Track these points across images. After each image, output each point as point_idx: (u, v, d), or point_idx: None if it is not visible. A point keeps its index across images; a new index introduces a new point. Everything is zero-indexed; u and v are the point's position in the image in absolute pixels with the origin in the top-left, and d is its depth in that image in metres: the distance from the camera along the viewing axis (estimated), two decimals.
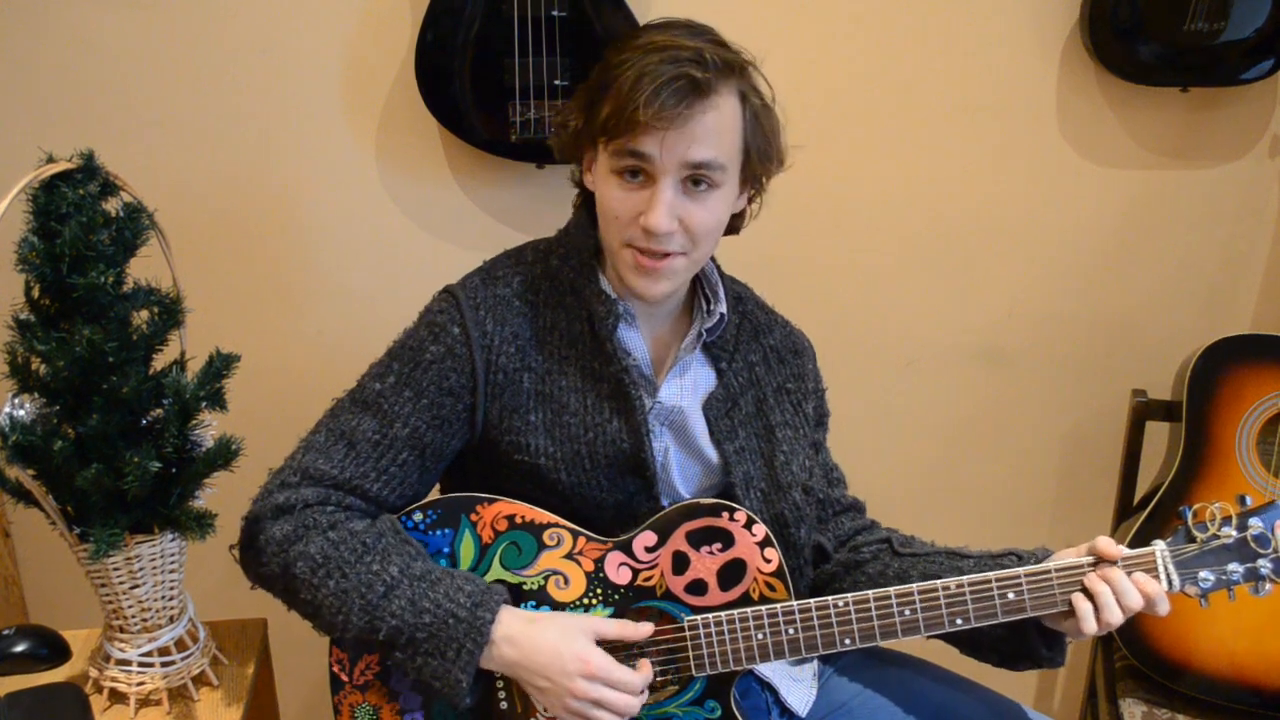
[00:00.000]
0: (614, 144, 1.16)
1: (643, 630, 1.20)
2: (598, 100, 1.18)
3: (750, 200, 1.28)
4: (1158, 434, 1.83)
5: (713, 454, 1.30)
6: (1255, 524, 1.16)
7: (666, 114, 1.12)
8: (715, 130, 1.16)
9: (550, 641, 1.16)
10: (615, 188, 1.18)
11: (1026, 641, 1.23)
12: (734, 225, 1.29)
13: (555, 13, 1.56)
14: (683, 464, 1.30)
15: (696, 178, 1.17)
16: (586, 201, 1.29)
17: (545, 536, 1.22)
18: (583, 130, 1.21)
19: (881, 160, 1.81)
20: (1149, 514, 1.69)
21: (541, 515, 1.23)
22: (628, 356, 1.25)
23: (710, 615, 1.21)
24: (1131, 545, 1.18)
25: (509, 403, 1.24)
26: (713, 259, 1.33)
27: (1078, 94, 1.79)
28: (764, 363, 1.34)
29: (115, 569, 1.23)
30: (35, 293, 1.17)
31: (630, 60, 1.15)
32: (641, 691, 1.18)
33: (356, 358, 1.30)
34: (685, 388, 1.29)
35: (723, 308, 1.29)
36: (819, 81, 1.75)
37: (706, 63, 1.14)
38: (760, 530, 1.21)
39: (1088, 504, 2.01)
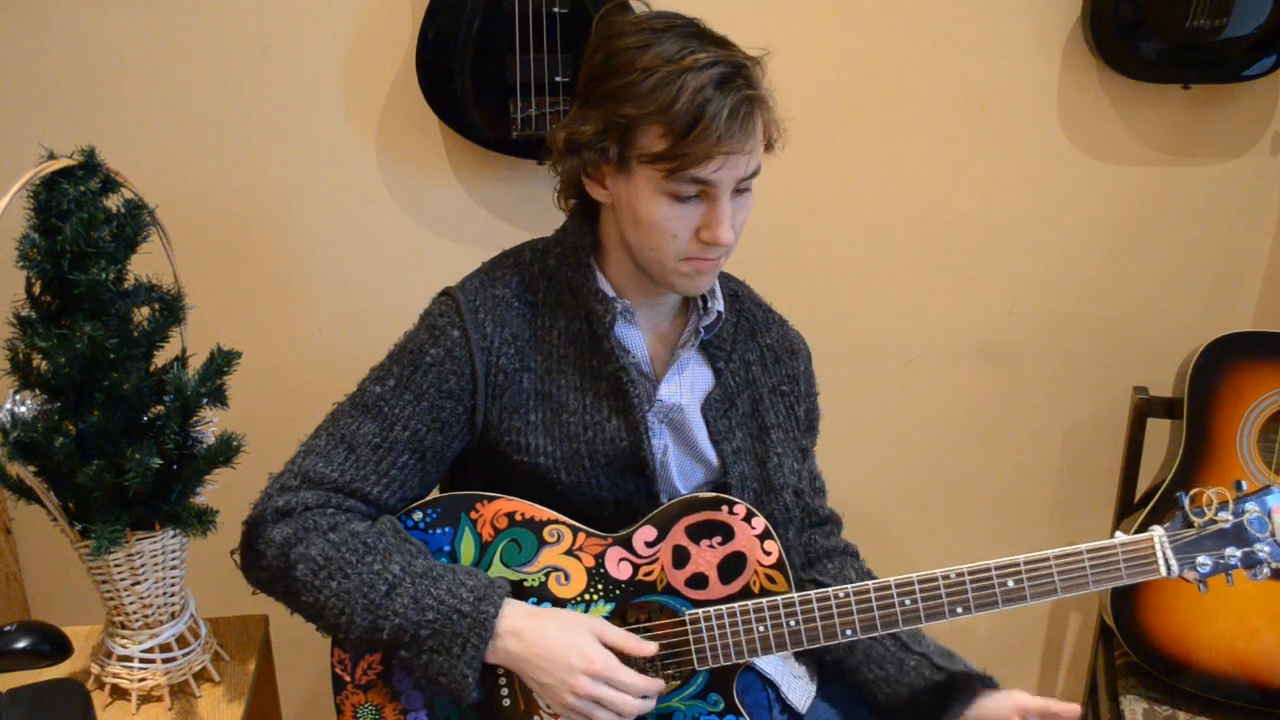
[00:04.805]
0: (676, 174, 1.13)
1: (646, 649, 1.19)
2: (637, 124, 1.14)
3: None
4: (1159, 431, 1.82)
5: (711, 454, 1.30)
6: (1252, 508, 1.16)
7: (739, 143, 1.12)
8: (760, 140, 1.17)
9: (555, 636, 1.15)
10: (669, 207, 1.16)
11: None
12: None
13: (556, 9, 1.56)
14: (681, 462, 1.30)
15: (742, 187, 1.17)
16: (584, 202, 1.28)
17: (545, 533, 1.22)
18: (623, 156, 1.16)
19: (882, 157, 1.81)
20: (1150, 511, 1.69)
21: (541, 512, 1.23)
22: (626, 354, 1.25)
23: (711, 608, 1.21)
24: None
25: (509, 403, 1.24)
26: None
27: (1079, 91, 1.79)
28: (760, 362, 1.34)
29: (117, 565, 1.23)
30: (36, 289, 1.18)
31: (668, 80, 1.11)
32: (645, 696, 1.17)
33: (357, 355, 1.30)
34: (684, 385, 1.29)
35: (720, 305, 1.29)
36: (820, 79, 1.75)
37: (752, 77, 1.14)
38: (760, 523, 1.21)
39: (1089, 501, 2.01)
